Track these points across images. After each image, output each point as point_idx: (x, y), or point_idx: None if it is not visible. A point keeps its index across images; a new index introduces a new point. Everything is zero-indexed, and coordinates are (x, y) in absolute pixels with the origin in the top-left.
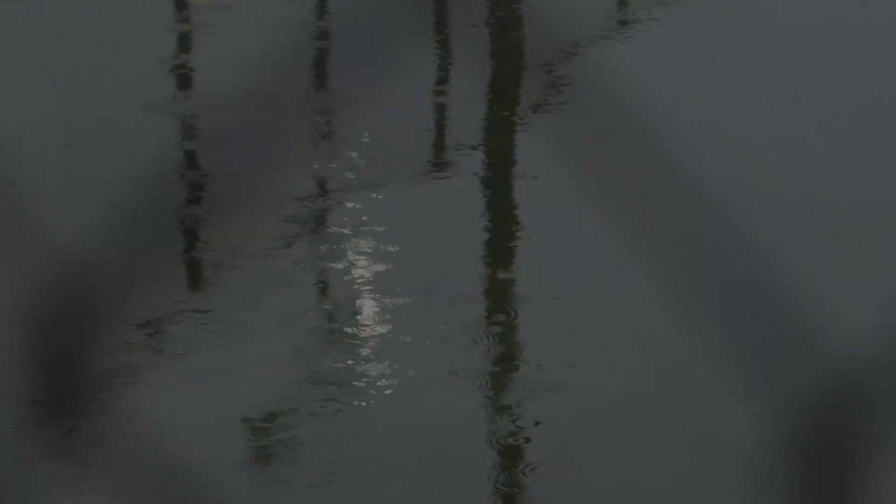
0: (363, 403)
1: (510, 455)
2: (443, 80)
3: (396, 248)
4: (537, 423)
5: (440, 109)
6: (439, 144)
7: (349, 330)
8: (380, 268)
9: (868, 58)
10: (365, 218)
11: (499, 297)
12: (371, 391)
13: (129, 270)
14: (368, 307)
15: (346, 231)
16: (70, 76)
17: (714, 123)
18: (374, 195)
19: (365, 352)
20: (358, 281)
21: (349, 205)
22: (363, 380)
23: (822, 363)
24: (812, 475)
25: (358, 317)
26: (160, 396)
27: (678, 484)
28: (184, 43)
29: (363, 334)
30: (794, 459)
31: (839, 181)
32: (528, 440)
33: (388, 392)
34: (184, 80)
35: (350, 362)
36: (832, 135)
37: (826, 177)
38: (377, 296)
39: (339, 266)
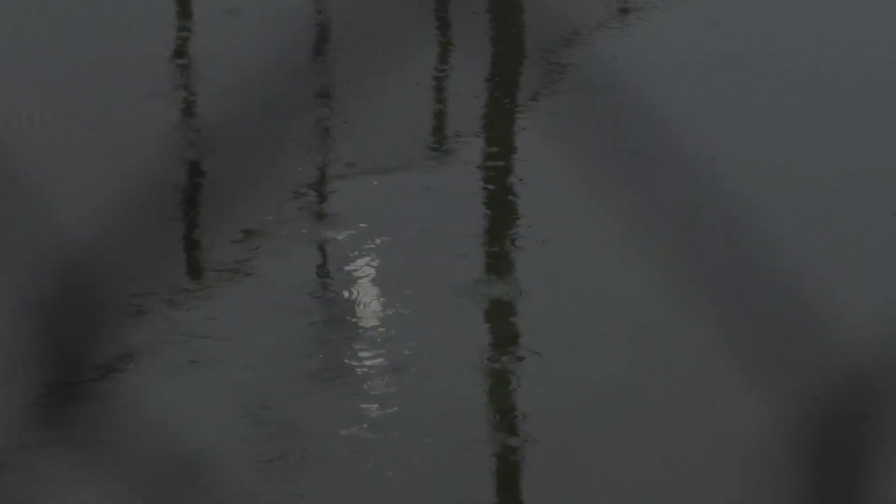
0: (363, 391)
1: (509, 444)
2: (443, 66)
3: (395, 236)
4: (537, 411)
5: (440, 96)
6: (439, 131)
7: (349, 317)
8: (379, 256)
9: (876, 47)
10: (364, 205)
11: (499, 286)
12: (370, 378)
13: (130, 257)
14: (368, 294)
15: (345, 218)
16: (73, 63)
17: (715, 111)
18: (374, 182)
19: (364, 339)
20: (357, 268)
21: (348, 192)
22: (363, 367)
23: (828, 354)
24: (818, 468)
25: (358, 304)
26: (161, 383)
27: (680, 473)
28: (186, 30)
29: (363, 322)
30: (799, 452)
31: (844, 170)
32: (527, 429)
33: (386, 380)
34: (187, 69)
35: (350, 349)
36: (836, 123)
37: (831, 165)
38: (377, 283)
39: (339, 253)
